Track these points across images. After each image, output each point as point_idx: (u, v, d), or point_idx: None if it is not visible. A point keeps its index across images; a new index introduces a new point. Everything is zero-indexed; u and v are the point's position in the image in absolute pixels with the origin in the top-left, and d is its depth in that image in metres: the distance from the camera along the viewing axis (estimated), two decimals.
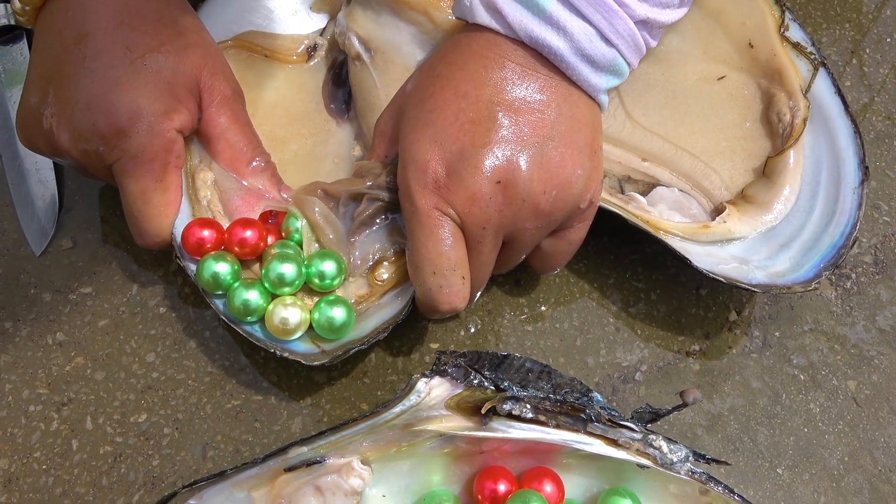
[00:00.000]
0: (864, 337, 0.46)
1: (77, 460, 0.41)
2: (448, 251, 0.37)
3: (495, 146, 0.37)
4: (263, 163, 0.43)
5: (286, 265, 0.40)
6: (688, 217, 0.46)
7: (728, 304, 0.47)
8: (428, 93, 0.39)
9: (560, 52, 0.37)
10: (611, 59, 0.38)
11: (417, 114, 0.38)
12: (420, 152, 0.37)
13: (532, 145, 0.37)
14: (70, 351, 0.44)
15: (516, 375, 0.36)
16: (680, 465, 0.35)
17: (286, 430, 0.42)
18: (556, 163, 0.37)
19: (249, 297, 0.39)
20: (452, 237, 0.37)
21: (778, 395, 0.44)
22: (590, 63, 0.38)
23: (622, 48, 0.38)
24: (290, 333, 0.39)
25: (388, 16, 0.46)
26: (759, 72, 0.49)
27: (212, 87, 0.41)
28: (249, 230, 0.41)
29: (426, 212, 0.37)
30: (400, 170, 0.39)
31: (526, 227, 0.38)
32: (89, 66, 0.39)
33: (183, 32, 0.41)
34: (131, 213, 0.41)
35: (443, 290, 0.37)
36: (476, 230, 0.37)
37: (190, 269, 0.41)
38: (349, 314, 0.40)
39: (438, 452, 0.36)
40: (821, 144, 0.47)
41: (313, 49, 0.50)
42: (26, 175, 0.48)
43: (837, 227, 0.44)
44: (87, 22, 0.39)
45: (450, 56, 0.39)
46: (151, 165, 0.39)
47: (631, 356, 0.45)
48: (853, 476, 0.42)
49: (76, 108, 0.39)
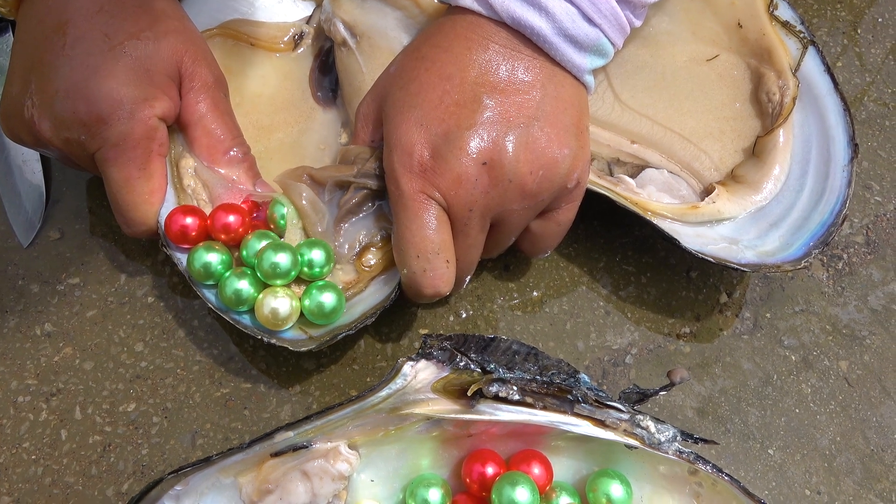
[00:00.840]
0: (856, 317, 0.46)
1: (66, 450, 0.41)
2: (432, 234, 0.37)
3: (480, 128, 0.37)
4: (241, 154, 0.43)
5: (281, 255, 0.39)
6: (677, 199, 0.46)
7: (719, 286, 0.46)
8: (412, 75, 0.38)
9: (543, 32, 0.37)
10: (594, 39, 0.38)
11: (402, 96, 0.38)
12: (405, 135, 0.37)
13: (517, 126, 0.37)
14: (58, 341, 0.44)
15: (503, 358, 0.36)
16: (668, 444, 0.34)
17: (275, 418, 0.42)
18: (542, 143, 0.37)
19: (241, 287, 0.39)
20: (437, 220, 0.37)
21: (769, 376, 0.44)
22: (573, 43, 0.38)
23: (605, 27, 0.38)
24: (280, 325, 0.39)
25: (373, 1, 0.46)
26: (748, 51, 0.48)
27: (192, 74, 0.41)
28: (233, 215, 0.40)
29: (411, 195, 0.37)
30: (385, 153, 0.38)
31: (513, 209, 0.38)
32: (68, 53, 0.38)
33: (163, 18, 0.40)
34: (116, 202, 0.41)
35: (427, 274, 0.37)
36: (462, 212, 0.37)
37: (176, 258, 0.41)
38: (339, 299, 0.40)
39: (426, 436, 0.36)
40: (810, 123, 0.46)
41: (300, 37, 0.50)
42: (13, 167, 0.48)
43: (827, 206, 0.43)
44: (67, 10, 0.39)
45: (434, 38, 0.39)
46: (134, 153, 0.39)
47: (621, 339, 0.45)
48: (845, 456, 0.42)
49: (56, 96, 0.38)
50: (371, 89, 0.42)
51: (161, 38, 0.40)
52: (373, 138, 0.41)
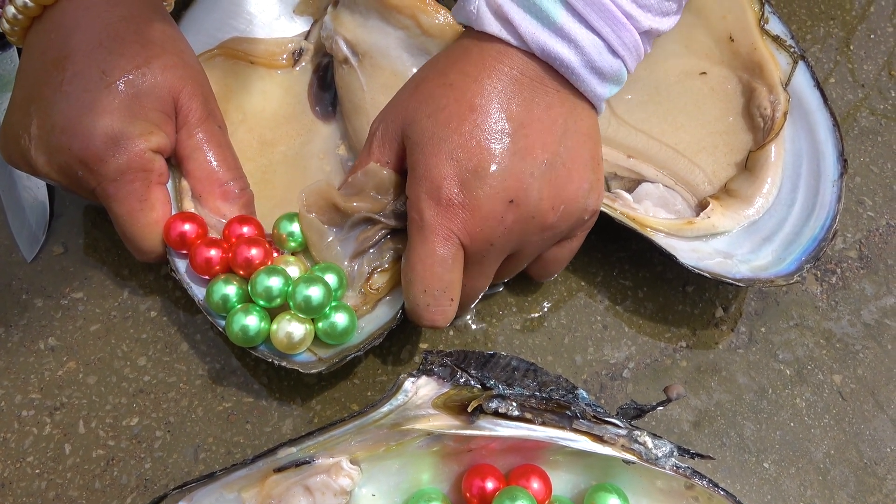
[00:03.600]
0: (850, 331, 0.47)
1: (70, 464, 0.41)
2: (443, 273, 0.37)
3: (509, 164, 0.37)
4: (237, 189, 0.42)
5: (313, 288, 0.39)
6: (672, 213, 0.46)
7: (714, 301, 0.47)
8: (441, 103, 0.38)
9: (571, 64, 0.37)
10: (616, 70, 0.38)
11: (431, 126, 0.38)
12: (436, 168, 0.37)
13: (542, 163, 0.37)
14: (62, 356, 0.44)
15: (502, 374, 0.36)
16: (665, 460, 0.35)
17: (277, 432, 0.42)
18: (564, 179, 0.38)
19: (248, 324, 0.39)
20: (452, 259, 0.37)
21: (764, 389, 0.45)
22: (598, 75, 0.38)
23: (627, 59, 0.38)
24: (296, 349, 0.40)
25: (375, 20, 0.46)
26: (739, 66, 0.49)
27: (188, 109, 0.41)
28: (255, 248, 0.40)
29: (433, 228, 0.37)
30: (411, 181, 0.38)
31: (531, 241, 0.39)
32: (66, 89, 0.39)
33: (161, 54, 0.40)
34: (123, 234, 0.41)
35: (429, 309, 0.38)
36: (483, 247, 0.38)
37: (186, 282, 0.41)
38: (351, 319, 0.40)
39: (427, 451, 0.37)
40: (801, 138, 0.47)
41: (298, 53, 0.50)
42: (17, 181, 0.49)
43: (818, 220, 0.44)
44: (68, 44, 0.39)
45: (461, 65, 0.39)
46: (132, 187, 0.39)
47: (619, 353, 0.45)
48: (839, 469, 0.42)
49: (52, 132, 0.39)
50: (390, 109, 0.41)
51: (157, 74, 0.40)
52: (388, 159, 0.40)
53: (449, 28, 0.45)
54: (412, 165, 0.38)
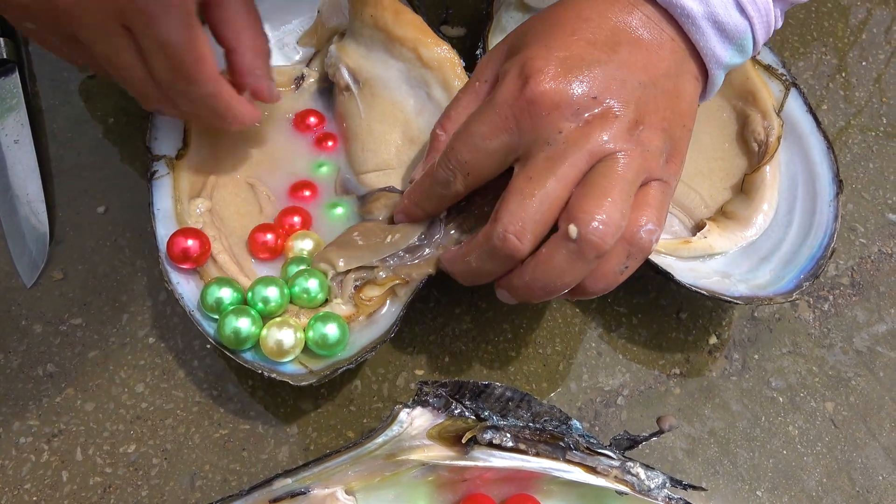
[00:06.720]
0: (842, 359, 0.47)
1: (67, 491, 0.42)
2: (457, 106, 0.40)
3: (603, 65, 0.36)
4: (267, 45, 0.43)
5: (312, 280, 0.42)
6: (669, 234, 0.47)
7: (708, 328, 0.47)
8: (552, 12, 0.38)
9: (693, 13, 0.36)
10: (742, 31, 0.37)
11: (537, 26, 0.38)
12: (527, 48, 0.37)
13: (637, 82, 0.36)
14: (60, 382, 0.44)
15: (496, 404, 0.37)
16: (657, 491, 0.35)
17: (273, 459, 0.43)
18: (650, 106, 0.36)
19: (240, 326, 0.40)
20: (477, 100, 0.39)
21: (757, 417, 0.45)
22: (720, 31, 0.37)
23: (755, 21, 0.37)
24: (285, 355, 0.40)
25: (379, 52, 0.48)
26: (733, 95, 0.50)
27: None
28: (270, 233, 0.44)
29: (477, 74, 0.39)
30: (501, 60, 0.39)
31: (613, 148, 0.35)
32: None
33: None
34: (173, 66, 0.38)
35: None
36: (551, 134, 0.35)
37: (178, 293, 0.42)
38: (342, 330, 0.41)
39: (422, 481, 0.37)
40: (795, 161, 0.48)
41: (301, 79, 0.51)
42: (17, 207, 0.49)
43: (815, 239, 0.45)
44: None
45: None
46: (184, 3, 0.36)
47: (613, 381, 0.46)
48: (831, 497, 0.43)
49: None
50: (503, 39, 0.41)
51: None
52: (487, 78, 0.40)
53: (448, 62, 0.46)
54: (509, 54, 0.38)
